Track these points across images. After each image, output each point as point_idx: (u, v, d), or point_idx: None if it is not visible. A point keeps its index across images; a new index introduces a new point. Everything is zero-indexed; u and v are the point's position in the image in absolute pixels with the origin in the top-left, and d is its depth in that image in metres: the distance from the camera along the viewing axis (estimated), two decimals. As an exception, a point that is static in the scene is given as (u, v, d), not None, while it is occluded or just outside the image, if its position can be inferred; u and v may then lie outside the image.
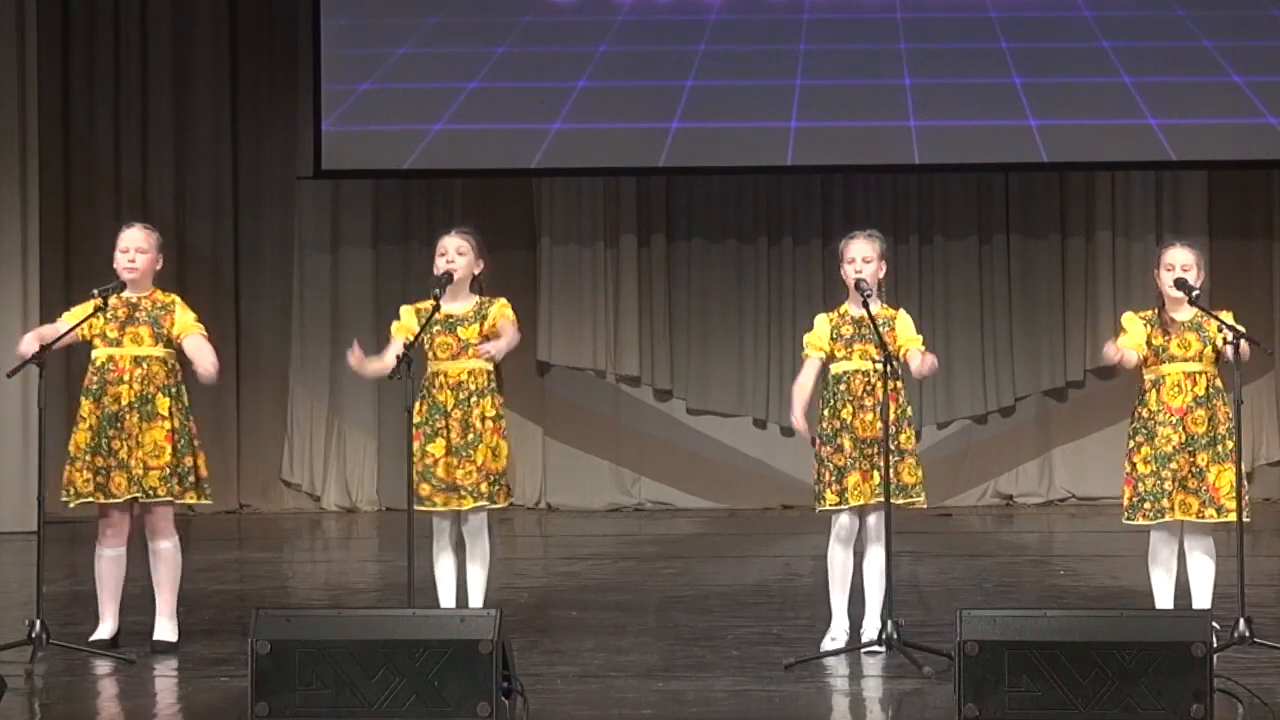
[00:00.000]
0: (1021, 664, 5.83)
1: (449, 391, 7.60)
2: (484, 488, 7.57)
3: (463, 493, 7.57)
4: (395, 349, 7.51)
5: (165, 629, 7.71)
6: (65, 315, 7.81)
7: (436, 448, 7.56)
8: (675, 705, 6.56)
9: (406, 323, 7.68)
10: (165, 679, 7.21)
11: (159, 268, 7.80)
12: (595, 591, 9.66)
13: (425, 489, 7.54)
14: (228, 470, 13.99)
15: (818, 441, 7.62)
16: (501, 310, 7.69)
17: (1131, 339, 7.41)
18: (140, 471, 7.53)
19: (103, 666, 7.37)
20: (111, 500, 7.56)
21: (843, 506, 7.50)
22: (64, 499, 7.60)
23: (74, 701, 6.86)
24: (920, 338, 7.64)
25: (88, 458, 7.53)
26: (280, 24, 14.02)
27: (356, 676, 5.90)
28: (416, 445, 7.51)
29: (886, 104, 12.90)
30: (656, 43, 13.05)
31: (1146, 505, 7.33)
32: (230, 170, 14.14)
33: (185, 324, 7.73)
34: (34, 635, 7.34)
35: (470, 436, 7.57)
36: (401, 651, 5.90)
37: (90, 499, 7.56)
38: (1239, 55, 12.78)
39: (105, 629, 7.69)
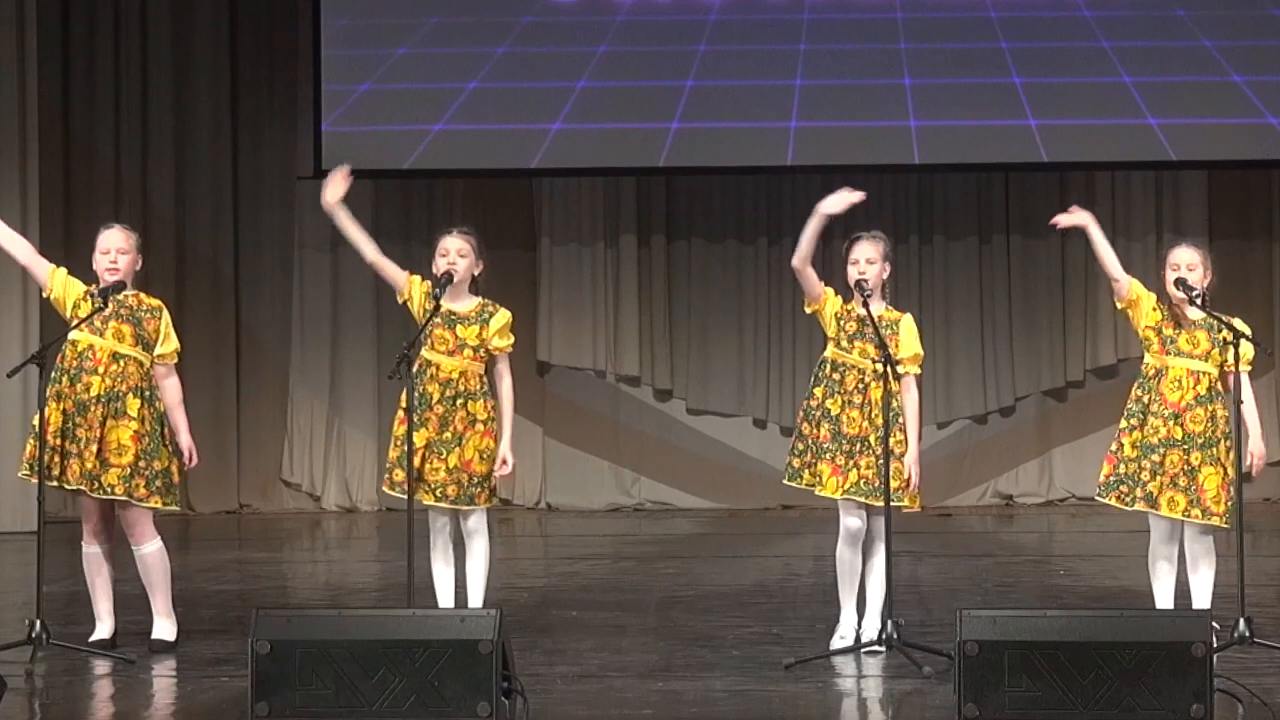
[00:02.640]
0: (1021, 664, 5.83)
1: (437, 385, 7.58)
2: (451, 490, 7.53)
3: (424, 488, 7.56)
4: (391, 265, 7.64)
5: (163, 628, 7.71)
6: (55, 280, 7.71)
7: (419, 437, 7.54)
8: (675, 705, 6.56)
9: (415, 284, 7.67)
10: (165, 679, 7.21)
11: (139, 268, 7.77)
12: (595, 591, 9.66)
13: (400, 475, 7.51)
14: (228, 470, 13.99)
15: (799, 415, 7.65)
16: (503, 332, 7.68)
17: (1140, 295, 7.40)
18: (95, 466, 7.48)
19: (102, 666, 7.37)
20: (63, 486, 7.53)
21: (813, 487, 7.51)
22: (24, 473, 7.55)
23: (74, 701, 6.86)
24: (922, 354, 7.64)
25: (61, 442, 7.48)
26: (280, 24, 14.02)
27: (356, 676, 5.90)
28: (401, 430, 7.49)
29: (886, 104, 12.90)
30: (656, 43, 13.05)
31: (1123, 488, 7.33)
32: (230, 170, 14.13)
33: (167, 349, 7.70)
34: (34, 635, 7.34)
35: (447, 435, 7.56)
36: (401, 651, 5.90)
37: (53, 483, 7.49)
38: (1239, 55, 12.78)
39: (103, 629, 7.69)
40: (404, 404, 7.46)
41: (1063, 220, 7.61)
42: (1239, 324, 7.29)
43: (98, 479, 7.48)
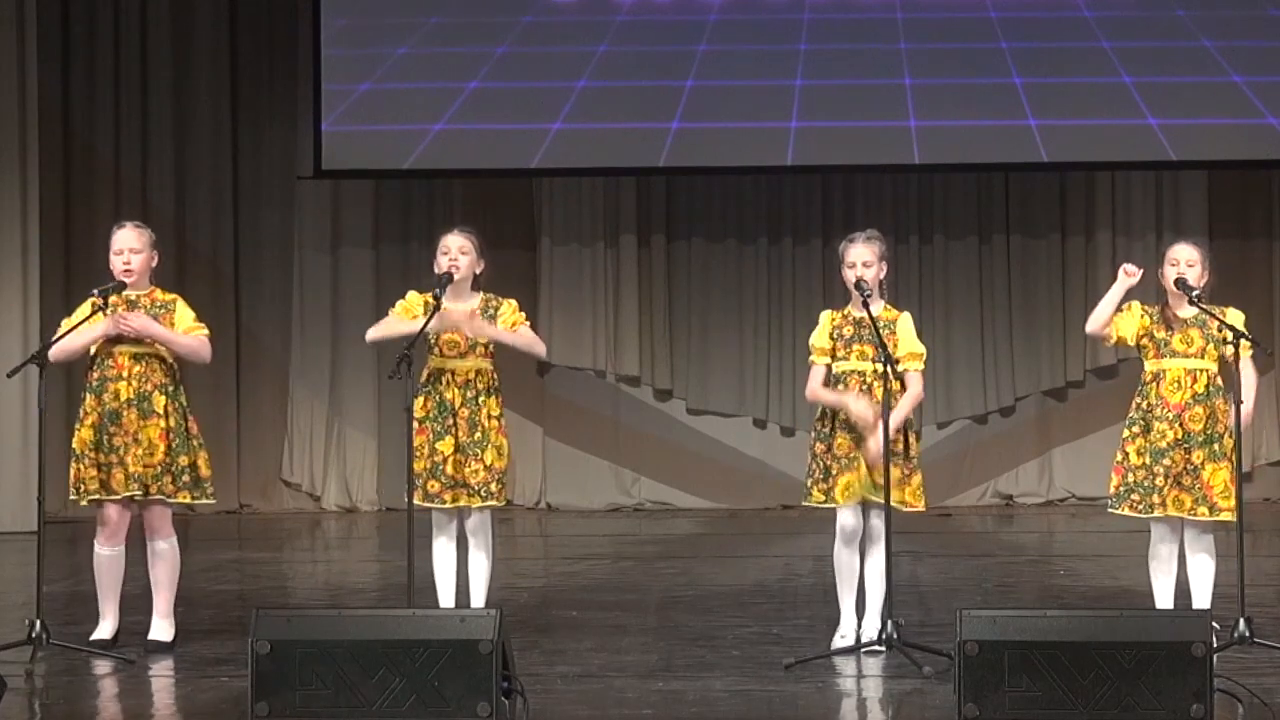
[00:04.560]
0: (1021, 664, 5.83)
1: (456, 389, 7.61)
2: (493, 486, 7.61)
3: (470, 491, 7.59)
4: (393, 324, 7.57)
5: (161, 629, 7.71)
6: (65, 321, 7.78)
7: (445, 445, 7.57)
8: (675, 705, 6.56)
9: (410, 304, 7.67)
10: (165, 679, 7.21)
11: (155, 265, 7.79)
12: (595, 591, 9.66)
13: (434, 485, 7.55)
14: (228, 470, 13.97)
15: (812, 435, 7.64)
16: (513, 313, 7.69)
17: (1124, 324, 7.40)
18: (138, 469, 7.53)
19: (103, 666, 7.38)
20: (112, 497, 7.57)
21: (827, 504, 7.51)
22: (73, 497, 7.60)
23: (74, 701, 6.86)
24: (922, 350, 7.63)
25: (92, 454, 7.54)
26: (280, 24, 14.01)
27: (356, 676, 5.90)
28: (421, 440, 7.52)
29: (886, 104, 12.89)
30: (656, 43, 13.04)
31: (1134, 496, 7.33)
32: (230, 170, 14.13)
33: (186, 324, 7.73)
34: (34, 635, 7.35)
35: (478, 435, 7.59)
36: (401, 651, 5.90)
37: (97, 496, 7.56)
38: (1239, 55, 12.78)
39: (105, 629, 7.70)
40: (417, 413, 7.47)
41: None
42: (1233, 313, 7.31)
43: (140, 480, 7.51)
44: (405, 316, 7.63)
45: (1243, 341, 7.20)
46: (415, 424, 7.50)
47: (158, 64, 14.03)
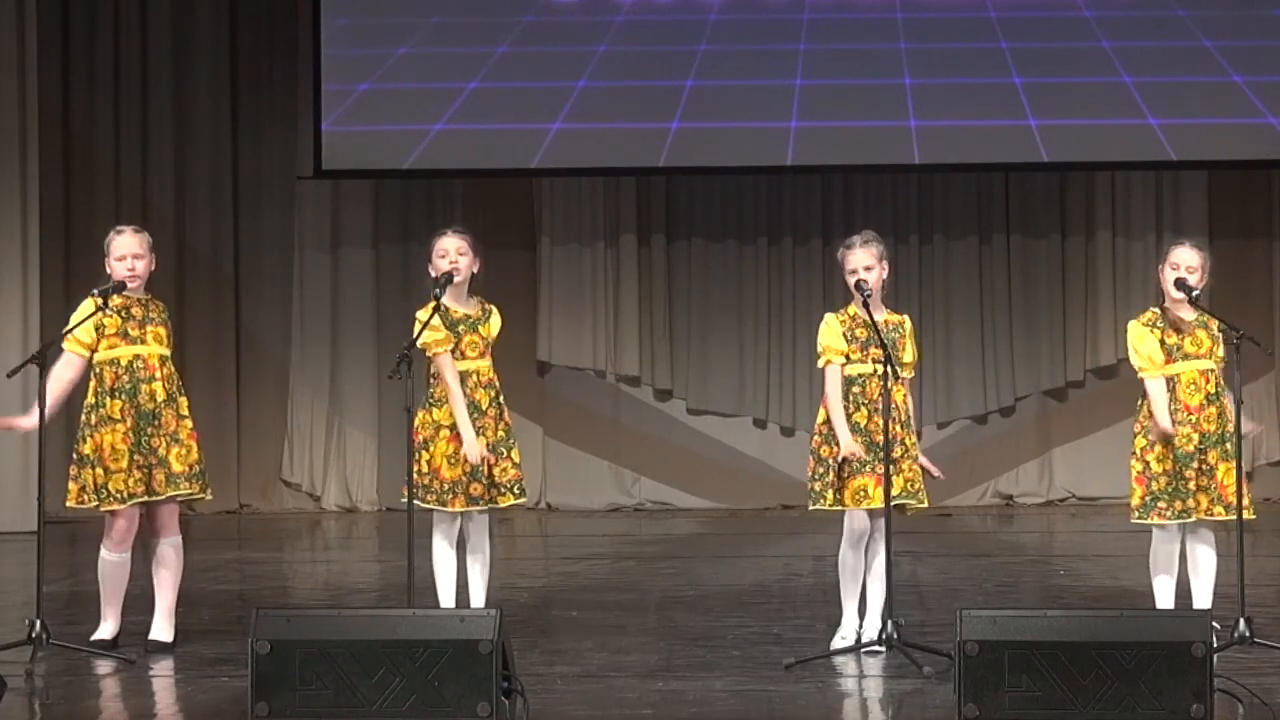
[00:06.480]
0: (1021, 664, 5.83)
1: (483, 390, 7.61)
2: (524, 482, 7.68)
3: (503, 489, 7.60)
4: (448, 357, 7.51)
5: (162, 629, 7.71)
6: (74, 319, 7.69)
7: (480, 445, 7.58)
8: (675, 705, 6.56)
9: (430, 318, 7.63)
10: (165, 679, 7.21)
11: (153, 268, 7.79)
12: (595, 591, 9.66)
13: (477, 489, 7.53)
14: (228, 470, 13.98)
15: (816, 439, 7.61)
16: (498, 328, 7.74)
17: (1149, 351, 7.36)
18: (183, 468, 7.54)
19: (103, 666, 7.38)
20: (155, 499, 7.54)
21: (839, 508, 7.49)
22: (96, 504, 7.51)
23: (74, 701, 6.86)
24: (915, 358, 7.64)
25: (136, 457, 7.50)
26: (280, 24, 14.01)
27: (356, 676, 5.90)
28: (454, 447, 7.50)
29: (886, 104, 12.90)
30: (656, 43, 13.05)
31: (1161, 504, 7.30)
32: (230, 170, 14.13)
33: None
34: (34, 635, 7.34)
35: (501, 433, 7.62)
36: (401, 651, 5.91)
37: (143, 499, 7.53)
38: (1239, 55, 12.78)
39: (106, 629, 7.69)
40: (444, 420, 7.47)
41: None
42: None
43: (180, 481, 7.52)
44: (446, 347, 7.56)
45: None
46: (446, 431, 7.49)
47: (158, 64, 14.03)
